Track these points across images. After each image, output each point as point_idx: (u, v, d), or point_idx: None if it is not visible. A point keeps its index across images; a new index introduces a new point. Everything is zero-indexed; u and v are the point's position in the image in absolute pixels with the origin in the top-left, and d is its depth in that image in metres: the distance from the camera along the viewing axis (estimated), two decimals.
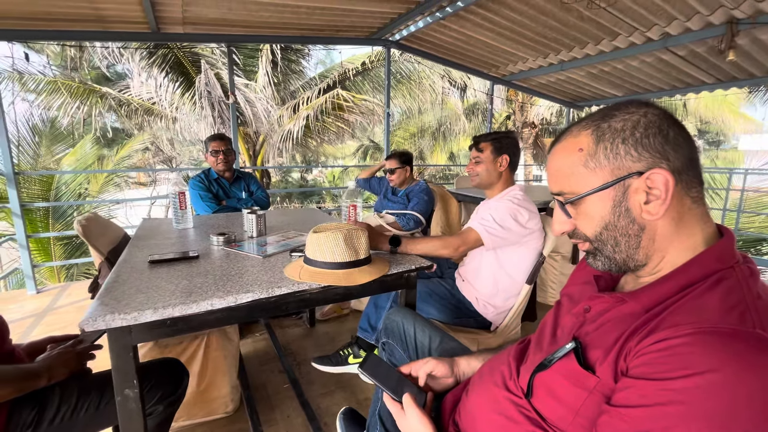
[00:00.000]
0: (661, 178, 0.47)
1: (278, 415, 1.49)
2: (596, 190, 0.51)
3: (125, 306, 0.78)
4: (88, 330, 0.72)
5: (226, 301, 0.84)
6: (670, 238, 0.49)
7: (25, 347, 0.94)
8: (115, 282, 0.93)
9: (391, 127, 7.73)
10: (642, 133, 0.49)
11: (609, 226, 0.52)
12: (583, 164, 0.52)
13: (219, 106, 4.48)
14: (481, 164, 1.43)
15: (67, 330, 2.17)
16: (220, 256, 1.18)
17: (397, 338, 1.03)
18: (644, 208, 0.49)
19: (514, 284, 1.35)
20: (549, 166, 0.59)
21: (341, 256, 0.99)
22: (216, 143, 2.16)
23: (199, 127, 5.29)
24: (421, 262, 1.14)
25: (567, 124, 5.92)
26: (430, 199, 2.21)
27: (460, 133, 9.85)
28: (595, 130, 0.52)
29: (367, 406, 1.55)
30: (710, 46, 3.22)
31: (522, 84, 4.88)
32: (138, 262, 1.09)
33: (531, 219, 1.28)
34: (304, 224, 1.69)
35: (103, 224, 1.36)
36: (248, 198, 2.25)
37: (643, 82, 4.35)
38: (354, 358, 1.57)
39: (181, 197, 1.55)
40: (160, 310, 0.78)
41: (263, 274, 1.01)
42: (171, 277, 0.97)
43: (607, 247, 0.53)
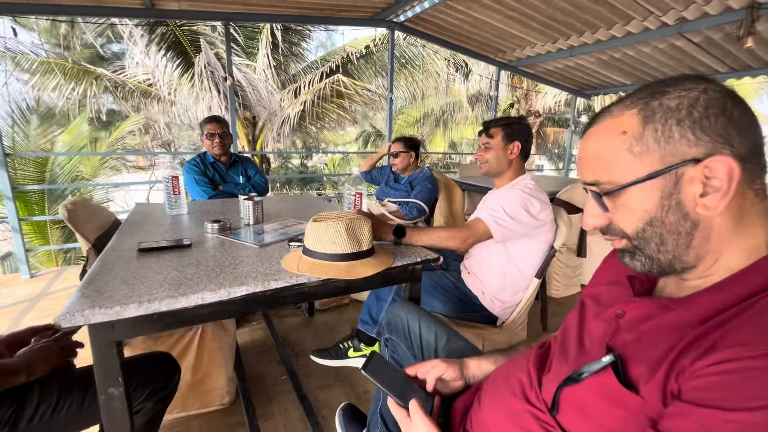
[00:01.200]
0: (724, 166, 0.40)
1: (275, 407, 1.45)
2: (642, 179, 0.44)
3: (107, 299, 0.72)
4: (64, 326, 0.65)
5: (218, 294, 0.78)
6: (728, 237, 0.42)
7: (4, 339, 0.88)
8: (100, 272, 0.86)
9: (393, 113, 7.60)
10: (702, 113, 0.41)
11: (654, 222, 0.45)
12: (627, 149, 0.45)
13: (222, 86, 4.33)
14: (491, 151, 1.36)
15: None
16: (214, 245, 1.11)
17: (401, 335, 0.97)
18: (700, 201, 0.42)
19: (523, 278, 1.29)
20: (582, 152, 0.51)
21: (342, 247, 0.93)
22: (211, 126, 2.08)
23: (197, 108, 5.16)
24: (426, 254, 1.07)
25: (573, 113, 5.75)
26: (433, 188, 2.14)
27: (462, 120, 9.68)
28: (643, 108, 0.44)
29: (366, 400, 1.51)
30: (727, 33, 3.10)
31: (528, 70, 4.74)
32: (126, 250, 1.02)
33: (543, 210, 1.21)
34: (303, 212, 1.62)
35: (91, 209, 1.29)
36: (246, 183, 2.18)
37: (654, 70, 4.22)
38: (354, 351, 1.53)
39: (175, 182, 1.47)
40: (145, 304, 0.71)
41: (259, 264, 0.95)
42: (160, 267, 0.90)
43: (650, 246, 0.46)
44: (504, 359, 0.76)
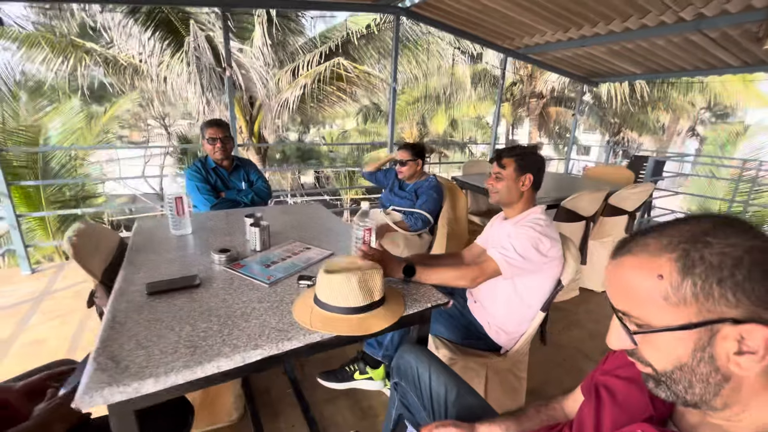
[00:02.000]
0: (762, 334, 0.39)
1: (282, 424, 1.50)
2: (674, 328, 0.44)
3: (123, 373, 0.72)
4: (84, 410, 0.66)
5: (233, 361, 0.78)
6: (759, 390, 0.43)
7: (21, 389, 0.89)
8: (112, 327, 0.86)
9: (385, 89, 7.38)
10: (745, 275, 0.40)
11: (684, 369, 0.44)
12: (663, 296, 0.44)
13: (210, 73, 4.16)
14: (501, 181, 1.33)
15: (67, 318, 2.14)
16: (223, 282, 1.10)
17: (410, 382, 0.99)
18: (733, 359, 0.41)
19: (529, 311, 1.30)
20: (613, 277, 0.50)
21: (355, 301, 0.93)
22: (213, 130, 2.01)
23: (188, 91, 4.98)
24: (437, 298, 1.07)
25: (578, 102, 5.61)
26: (439, 197, 2.11)
27: (464, 100, 9.46)
28: (683, 257, 0.43)
29: (371, 415, 1.57)
30: (745, 30, 2.98)
31: (536, 57, 4.59)
32: (134, 293, 1.02)
33: (553, 247, 1.21)
34: (308, 231, 1.60)
35: (96, 235, 1.27)
36: (248, 189, 2.14)
37: (666, 62, 4.10)
38: (360, 374, 1.56)
39: (179, 203, 1.44)
40: (162, 378, 0.72)
41: (271, 314, 0.95)
42: (172, 319, 0.90)
43: (677, 386, 0.46)
44: (515, 426, 0.79)
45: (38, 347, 1.89)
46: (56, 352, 1.86)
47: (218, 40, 4.17)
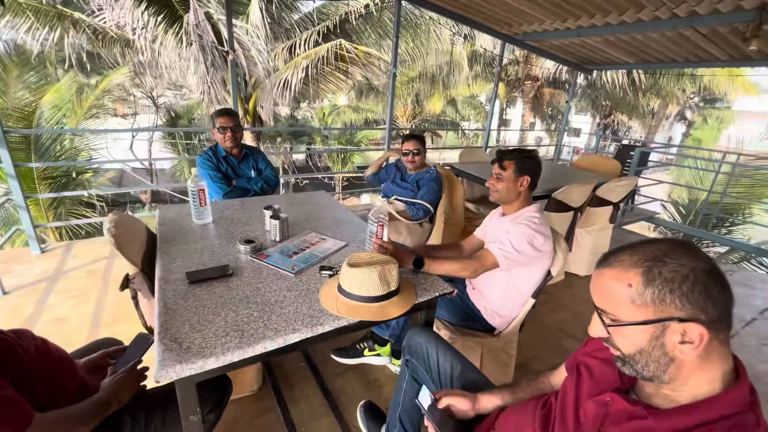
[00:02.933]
0: (698, 330, 0.55)
1: (298, 393, 1.67)
2: (638, 323, 0.59)
3: (187, 352, 0.85)
4: (162, 381, 0.79)
5: (276, 342, 0.93)
6: (695, 369, 0.58)
7: (83, 365, 1.02)
8: (165, 313, 0.99)
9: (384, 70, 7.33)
10: (689, 288, 0.55)
11: (643, 352, 0.60)
12: (630, 299, 0.59)
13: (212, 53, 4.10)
14: (501, 182, 1.47)
15: (84, 297, 2.25)
16: (252, 271, 1.23)
17: (420, 359, 1.16)
18: (678, 347, 0.57)
19: (521, 297, 1.47)
20: (596, 283, 0.65)
21: (375, 291, 1.07)
22: (223, 119, 2.08)
23: (185, 67, 4.89)
24: (443, 287, 1.22)
25: (572, 89, 5.67)
26: (440, 188, 2.24)
27: (461, 80, 9.43)
28: (646, 272, 0.58)
29: (377, 387, 1.75)
30: (734, 27, 3.10)
31: (533, 44, 4.63)
32: (177, 282, 1.14)
33: (545, 243, 1.36)
34: (320, 220, 1.72)
35: (129, 224, 1.37)
36: (257, 177, 2.23)
37: (658, 53, 4.20)
38: (369, 351, 1.73)
39: (201, 194, 1.54)
40: (221, 357, 0.86)
41: (302, 302, 1.08)
42: (216, 306, 1.03)
43: (637, 365, 0.62)
44: (510, 396, 0.96)
45: (61, 325, 2.01)
46: (79, 329, 1.99)
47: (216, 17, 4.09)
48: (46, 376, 0.85)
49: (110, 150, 9.86)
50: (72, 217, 6.18)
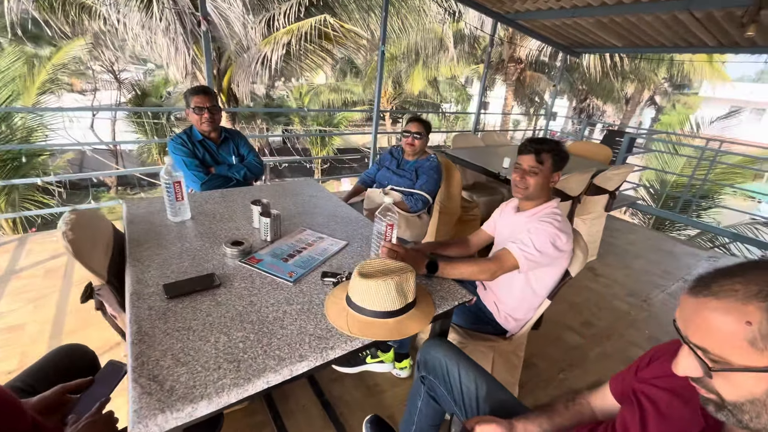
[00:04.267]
0: None
1: (293, 405, 1.53)
2: (758, 370, 0.47)
3: (172, 396, 0.68)
4: None
5: (280, 374, 0.77)
6: None
7: (35, 404, 0.83)
8: (141, 341, 0.81)
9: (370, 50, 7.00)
10: None
11: (756, 402, 0.49)
12: (749, 341, 0.47)
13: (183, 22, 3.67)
14: (536, 176, 1.29)
15: (42, 301, 1.99)
16: (243, 280, 1.06)
17: (438, 377, 1.03)
18: None
19: (537, 299, 1.37)
20: (693, 314, 0.53)
21: (392, 305, 0.93)
22: (199, 98, 1.83)
23: (152, 39, 4.41)
24: (462, 295, 1.09)
25: (560, 72, 5.64)
26: (439, 178, 2.10)
27: (446, 60, 9.17)
28: None
29: (378, 392, 1.64)
30: (728, 12, 3.06)
31: (525, 24, 4.47)
32: (152, 296, 0.95)
33: (567, 242, 1.25)
34: (313, 215, 1.55)
35: (90, 224, 1.14)
36: (239, 164, 2.01)
37: (648, 37, 4.15)
38: (371, 358, 1.60)
39: (177, 187, 1.33)
40: (215, 398, 0.70)
41: (305, 317, 0.93)
42: (203, 328, 0.86)
43: (744, 416, 0.51)
44: (548, 423, 0.85)
45: (15, 335, 1.76)
46: (38, 338, 1.75)
47: None
48: None
49: (68, 130, 9.08)
50: (28, 204, 5.66)
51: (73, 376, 0.87)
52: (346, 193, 2.31)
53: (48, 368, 0.95)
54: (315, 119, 13.23)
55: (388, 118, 14.43)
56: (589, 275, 2.88)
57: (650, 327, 2.31)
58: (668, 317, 2.39)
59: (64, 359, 0.99)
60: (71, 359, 1.00)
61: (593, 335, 2.18)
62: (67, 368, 0.96)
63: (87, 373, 0.91)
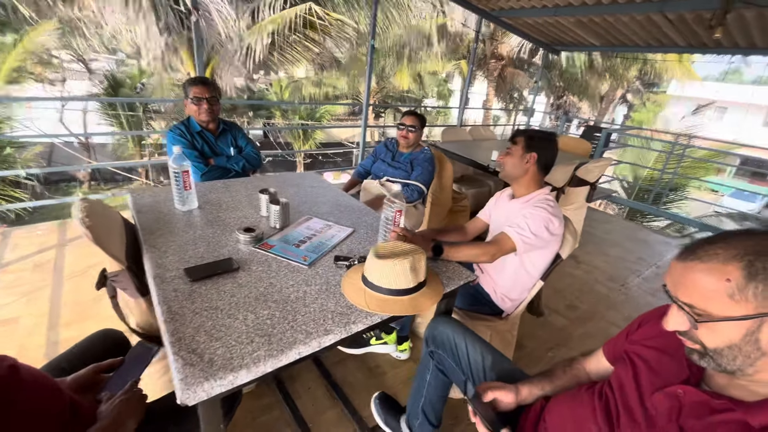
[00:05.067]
0: None
1: (299, 387, 1.59)
2: (735, 318, 0.57)
3: (211, 366, 0.73)
4: (189, 403, 0.68)
5: (310, 346, 0.83)
6: None
7: (70, 383, 0.86)
8: (173, 319, 0.85)
9: (355, 43, 7.00)
10: None
11: (733, 347, 0.59)
12: (728, 295, 0.56)
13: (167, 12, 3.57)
14: (509, 156, 1.44)
15: (35, 294, 1.96)
16: (260, 264, 1.10)
17: (447, 350, 1.11)
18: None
19: (531, 280, 1.47)
20: (681, 276, 0.62)
21: (406, 283, 1.00)
22: (198, 89, 1.83)
23: (131, 28, 4.27)
24: (467, 276, 1.18)
25: (541, 70, 5.85)
26: (433, 169, 2.18)
27: (429, 56, 9.25)
28: (749, 266, 0.55)
29: (379, 373, 1.71)
30: (697, 15, 3.25)
31: (509, 21, 4.60)
32: (175, 280, 0.99)
33: (559, 226, 1.35)
34: (318, 204, 1.60)
35: (103, 213, 1.15)
36: (237, 156, 2.02)
37: (624, 37, 4.35)
38: (376, 339, 1.67)
39: (185, 177, 1.35)
40: (252, 368, 0.75)
41: (326, 298, 0.99)
42: (230, 307, 0.91)
43: (723, 359, 0.60)
44: (549, 385, 0.94)
45: (11, 328, 1.73)
46: (35, 330, 1.73)
47: None
48: (21, 412, 0.68)
49: (36, 121, 8.64)
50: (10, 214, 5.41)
51: (107, 358, 0.90)
52: (339, 185, 2.35)
53: (86, 351, 0.97)
54: (297, 112, 13.07)
55: (371, 113, 14.41)
56: (571, 263, 3.04)
57: (628, 309, 2.48)
58: (643, 299, 2.57)
59: (100, 342, 1.01)
60: (106, 342, 1.02)
61: (577, 317, 2.33)
62: (103, 350, 0.98)
63: (119, 355, 0.94)
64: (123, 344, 1.08)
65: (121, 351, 1.02)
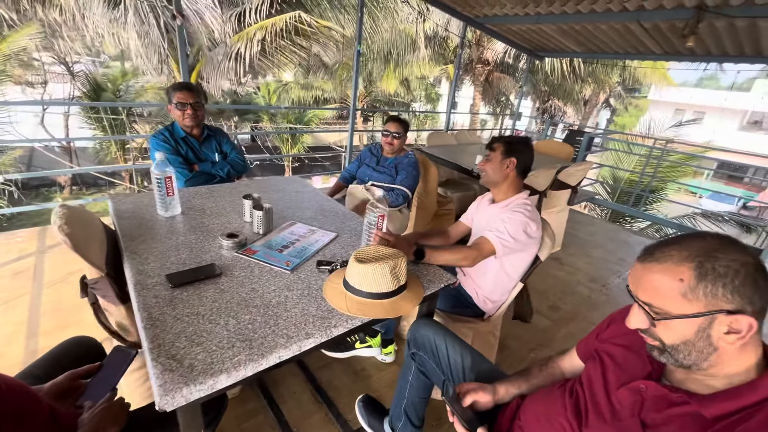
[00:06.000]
0: (747, 321, 0.57)
1: (284, 391, 1.59)
2: (687, 316, 0.61)
3: (193, 372, 0.74)
4: (167, 409, 0.68)
5: (290, 350, 0.84)
6: (734, 356, 0.62)
7: (48, 390, 0.85)
8: (153, 325, 0.85)
9: (342, 48, 7.03)
10: (741, 282, 0.57)
11: (687, 343, 0.62)
12: (681, 294, 0.60)
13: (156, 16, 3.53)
14: (489, 162, 1.48)
15: (14, 303, 1.92)
16: (242, 270, 1.11)
17: (428, 351, 1.14)
18: (723, 337, 0.59)
19: (511, 282, 1.51)
20: (641, 277, 0.66)
21: (387, 287, 1.02)
22: (182, 94, 1.83)
23: (114, 32, 4.22)
24: (447, 278, 1.21)
25: (525, 75, 5.94)
26: (418, 174, 2.21)
27: (415, 60, 9.35)
28: (699, 267, 0.59)
29: (365, 377, 1.73)
30: (672, 25, 3.38)
31: (493, 28, 4.69)
32: (156, 286, 0.99)
33: (537, 230, 1.39)
34: (302, 209, 1.61)
35: (83, 219, 1.14)
36: (222, 161, 2.02)
37: (603, 44, 4.48)
38: (360, 343, 1.69)
39: (168, 182, 1.35)
40: (233, 372, 0.76)
41: (306, 301, 1.00)
42: (211, 312, 0.91)
43: (679, 355, 0.64)
44: (525, 384, 0.97)
45: None
46: (13, 339, 1.69)
47: None
48: None
49: (15, 125, 8.42)
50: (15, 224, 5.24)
51: (82, 365, 0.89)
52: (326, 190, 2.37)
53: (59, 358, 0.97)
54: (285, 117, 13.04)
55: (359, 117, 14.46)
56: (554, 264, 3.11)
57: (609, 309, 2.55)
58: (623, 300, 2.64)
59: (74, 349, 1.01)
60: (80, 349, 1.02)
61: (560, 318, 2.38)
62: (77, 357, 0.98)
63: (93, 361, 0.93)
64: (97, 350, 1.07)
65: (95, 357, 1.02)
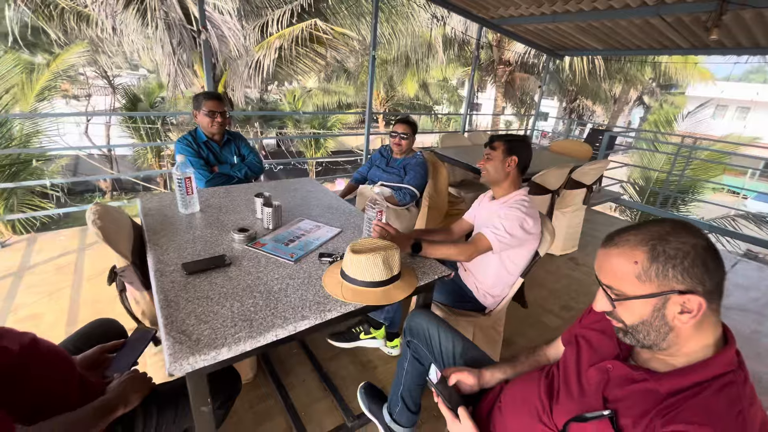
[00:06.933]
0: (696, 301, 0.60)
1: (294, 379, 1.69)
2: (642, 296, 0.64)
3: (197, 344, 0.84)
4: (176, 375, 0.78)
5: (287, 330, 0.93)
6: (691, 335, 0.65)
7: (79, 360, 0.98)
8: (168, 305, 0.96)
9: (361, 54, 7.18)
10: (690, 263, 0.60)
11: (645, 323, 0.66)
12: (636, 275, 0.64)
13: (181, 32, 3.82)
14: (491, 161, 1.52)
15: (57, 294, 2.13)
16: (250, 260, 1.22)
17: (422, 339, 1.20)
18: (677, 317, 0.63)
19: (511, 277, 1.54)
20: (602, 261, 0.70)
21: (379, 276, 1.09)
22: (213, 103, 1.98)
23: (148, 47, 4.55)
24: (442, 270, 1.26)
25: (545, 76, 5.85)
26: (426, 173, 2.27)
27: (434, 64, 9.39)
28: (651, 250, 0.63)
29: (371, 368, 1.79)
30: (695, 17, 3.27)
31: (509, 29, 4.68)
32: (173, 273, 1.11)
33: (534, 225, 1.42)
34: (311, 207, 1.71)
35: (114, 216, 1.29)
36: (240, 164, 2.16)
37: (625, 40, 4.37)
38: (365, 334, 1.76)
39: (188, 183, 1.49)
40: (233, 347, 0.85)
41: (305, 289, 1.09)
42: (219, 296, 1.02)
43: (639, 335, 0.68)
44: (511, 370, 1.02)
45: (36, 322, 1.90)
46: (56, 325, 1.89)
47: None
48: (37, 377, 0.80)
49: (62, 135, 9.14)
50: (26, 208, 5.75)
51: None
52: (340, 192, 2.47)
53: (88, 335, 1.10)
54: (309, 122, 13.38)
55: (381, 120, 14.62)
56: (570, 264, 3.06)
57: None
58: None
59: (99, 329, 1.14)
60: (105, 329, 1.15)
61: (571, 317, 2.36)
62: (102, 335, 1.11)
63: (115, 339, 1.06)
64: (119, 331, 1.20)
65: (118, 337, 1.14)
